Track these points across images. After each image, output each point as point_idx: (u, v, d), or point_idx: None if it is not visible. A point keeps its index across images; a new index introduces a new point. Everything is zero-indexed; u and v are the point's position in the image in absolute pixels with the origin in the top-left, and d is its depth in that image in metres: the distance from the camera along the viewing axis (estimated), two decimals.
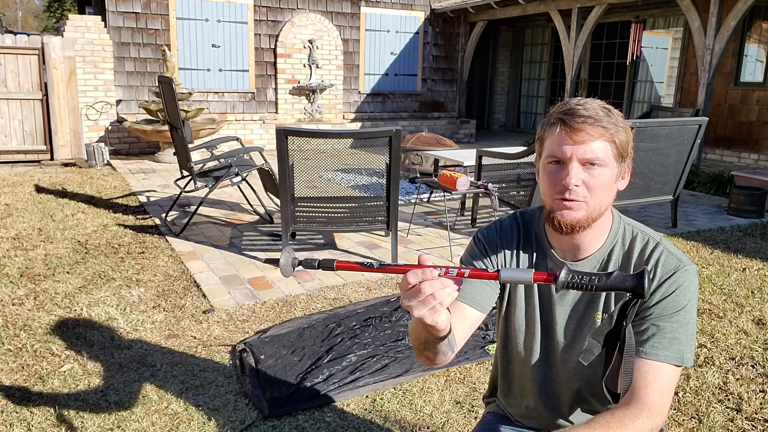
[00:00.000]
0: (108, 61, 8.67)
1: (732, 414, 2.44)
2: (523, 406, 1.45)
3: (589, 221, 1.20)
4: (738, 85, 8.80)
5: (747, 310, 3.49)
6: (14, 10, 48.92)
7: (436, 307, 0.95)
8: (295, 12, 9.97)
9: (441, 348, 1.14)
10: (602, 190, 1.18)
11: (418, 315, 0.95)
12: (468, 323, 1.29)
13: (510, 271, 0.96)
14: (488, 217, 5.55)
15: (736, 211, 5.81)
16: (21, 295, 3.48)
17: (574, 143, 1.16)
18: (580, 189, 1.17)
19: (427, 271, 0.93)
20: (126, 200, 5.96)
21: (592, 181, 1.17)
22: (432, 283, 0.93)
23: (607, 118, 1.17)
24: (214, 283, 3.74)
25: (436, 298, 0.94)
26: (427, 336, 1.10)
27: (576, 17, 8.90)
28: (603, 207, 1.21)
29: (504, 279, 0.96)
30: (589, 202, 1.18)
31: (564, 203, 1.18)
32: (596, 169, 1.17)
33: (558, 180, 1.18)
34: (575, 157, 1.16)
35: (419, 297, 0.94)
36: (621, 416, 1.12)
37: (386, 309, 3.36)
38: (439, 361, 1.20)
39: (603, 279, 0.95)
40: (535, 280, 0.95)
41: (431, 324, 0.97)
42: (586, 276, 0.95)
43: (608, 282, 0.95)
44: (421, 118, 11.43)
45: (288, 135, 3.75)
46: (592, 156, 1.16)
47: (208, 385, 2.55)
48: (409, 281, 0.94)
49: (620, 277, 0.95)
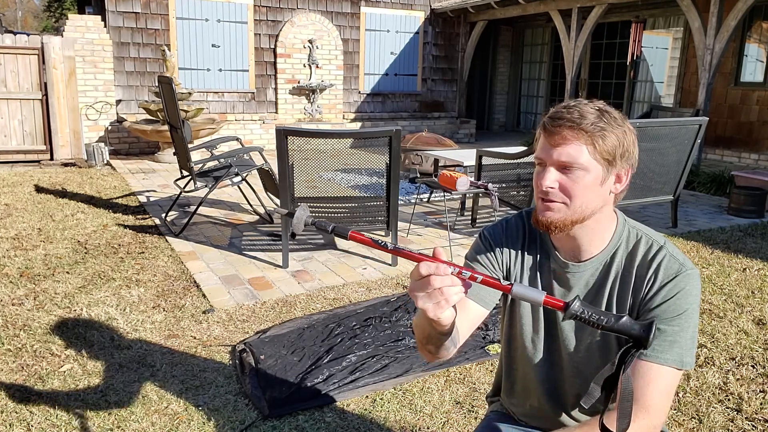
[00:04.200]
0: (108, 61, 8.67)
1: (732, 414, 2.43)
2: (527, 406, 1.45)
3: (566, 223, 1.21)
4: (738, 85, 8.80)
5: (747, 310, 3.49)
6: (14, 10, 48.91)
7: (440, 303, 0.95)
8: (295, 12, 9.97)
9: (443, 343, 1.15)
10: (583, 193, 1.18)
11: (421, 306, 0.95)
12: (471, 319, 1.30)
13: (523, 287, 0.96)
14: (488, 217, 5.55)
15: (736, 211, 5.81)
16: (21, 295, 3.48)
17: (551, 146, 1.19)
18: (556, 192, 1.19)
19: (441, 266, 0.93)
20: (126, 200, 5.96)
21: (570, 184, 1.18)
22: (442, 278, 0.93)
23: (595, 121, 1.16)
24: (214, 283, 3.74)
25: (443, 294, 0.94)
26: (430, 330, 1.10)
27: (576, 17, 8.90)
28: (587, 210, 1.20)
29: (515, 294, 0.96)
30: (569, 205, 1.19)
31: (544, 203, 1.21)
32: (575, 172, 1.18)
33: (538, 180, 1.21)
34: (550, 159, 1.19)
35: (427, 289, 0.94)
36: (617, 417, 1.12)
37: (386, 309, 3.35)
38: (441, 356, 1.21)
39: (611, 320, 0.95)
40: (546, 303, 0.96)
41: (433, 318, 0.97)
42: (596, 314, 0.95)
43: (616, 324, 0.95)
44: (421, 118, 11.43)
45: (288, 135, 3.75)
46: (567, 159, 1.17)
47: (208, 385, 2.54)
48: (420, 272, 0.94)
49: (629, 323, 0.95)
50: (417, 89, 11.49)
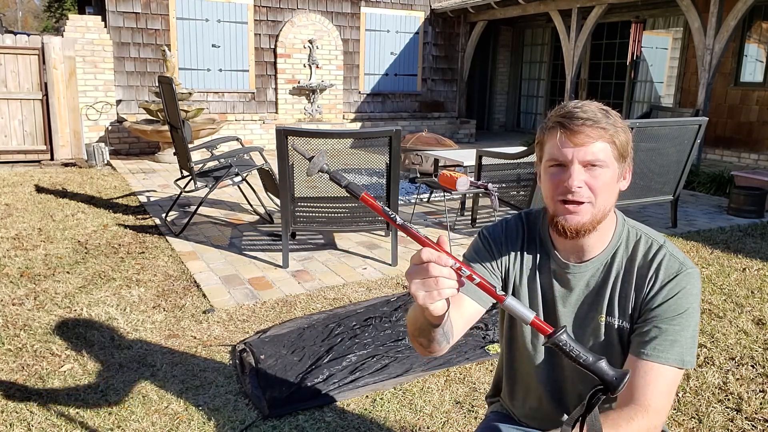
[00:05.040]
0: (108, 61, 8.67)
1: (732, 414, 2.44)
2: (527, 407, 1.45)
3: (594, 224, 1.21)
4: (738, 85, 8.80)
5: (747, 310, 3.49)
6: (14, 10, 48.91)
7: (432, 294, 0.94)
8: (295, 12, 9.97)
9: (435, 336, 1.14)
10: (605, 190, 1.19)
11: (413, 292, 0.95)
12: (467, 315, 1.28)
13: (516, 302, 0.96)
14: (488, 217, 5.55)
15: (736, 211, 5.81)
16: (21, 295, 3.48)
17: (575, 146, 1.17)
18: (583, 190, 1.18)
19: (443, 257, 0.93)
20: (126, 200, 5.96)
21: (595, 182, 1.18)
22: (441, 268, 0.93)
23: (605, 120, 1.18)
24: (214, 283, 3.74)
25: (437, 285, 0.94)
26: (422, 322, 1.10)
27: (576, 17, 8.90)
28: (607, 208, 1.22)
29: (507, 307, 0.96)
30: (594, 204, 1.19)
31: (567, 207, 1.19)
32: (597, 170, 1.18)
33: (560, 182, 1.19)
34: (576, 159, 1.17)
35: (423, 276, 0.94)
36: (616, 418, 1.12)
37: (386, 309, 3.36)
38: (433, 350, 1.20)
39: (590, 359, 0.95)
40: (533, 324, 0.96)
41: (422, 305, 0.97)
42: (578, 349, 0.95)
43: (593, 365, 0.95)
44: (421, 118, 11.43)
45: (288, 135, 3.75)
46: (593, 158, 1.17)
47: (208, 385, 2.55)
48: (422, 256, 0.94)
49: (605, 367, 0.95)
50: (417, 89, 11.49)
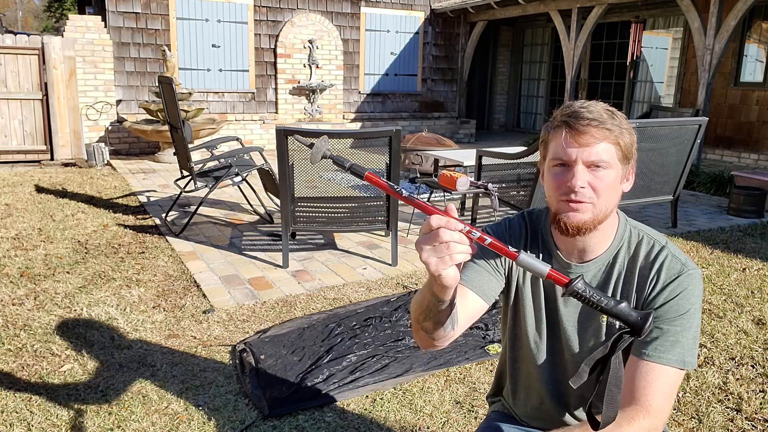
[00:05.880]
0: (108, 61, 8.67)
1: (732, 414, 2.44)
2: (529, 406, 1.45)
3: (595, 223, 1.21)
4: (738, 85, 8.80)
5: (747, 310, 3.49)
6: (14, 10, 48.91)
7: (445, 259, 0.93)
8: (295, 12, 9.97)
9: (441, 317, 1.11)
10: (608, 191, 1.19)
11: (425, 260, 0.93)
12: (470, 310, 1.27)
13: (530, 257, 0.96)
14: (488, 217, 5.55)
15: (736, 211, 5.81)
16: (21, 295, 3.48)
17: (579, 146, 1.17)
18: (586, 191, 1.18)
19: (452, 222, 0.92)
20: (126, 200, 5.96)
21: (598, 183, 1.18)
22: (452, 233, 0.92)
23: (611, 121, 1.18)
24: (214, 283, 3.74)
25: (449, 249, 0.92)
26: (430, 299, 1.07)
27: (576, 17, 8.90)
28: (609, 209, 1.22)
29: (521, 262, 0.95)
30: (596, 204, 1.19)
31: (570, 205, 1.19)
32: (601, 171, 1.18)
33: (563, 182, 1.19)
34: (580, 159, 1.17)
35: (434, 242, 0.92)
36: (617, 418, 1.12)
37: (386, 309, 3.36)
38: (438, 337, 1.18)
39: (611, 303, 0.96)
40: (549, 276, 0.95)
41: (434, 273, 0.95)
42: (597, 294, 0.96)
43: (614, 308, 0.96)
44: (421, 118, 11.43)
45: (288, 135, 3.75)
46: (597, 158, 1.17)
47: (208, 385, 2.55)
48: (431, 223, 0.92)
49: (627, 309, 0.96)
50: (417, 89, 11.49)
